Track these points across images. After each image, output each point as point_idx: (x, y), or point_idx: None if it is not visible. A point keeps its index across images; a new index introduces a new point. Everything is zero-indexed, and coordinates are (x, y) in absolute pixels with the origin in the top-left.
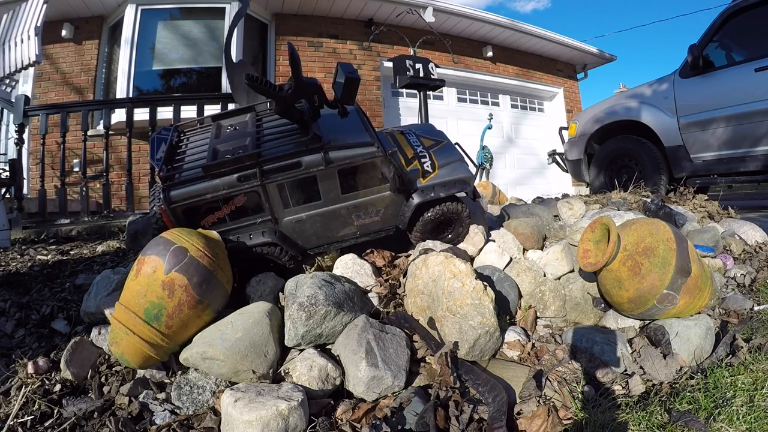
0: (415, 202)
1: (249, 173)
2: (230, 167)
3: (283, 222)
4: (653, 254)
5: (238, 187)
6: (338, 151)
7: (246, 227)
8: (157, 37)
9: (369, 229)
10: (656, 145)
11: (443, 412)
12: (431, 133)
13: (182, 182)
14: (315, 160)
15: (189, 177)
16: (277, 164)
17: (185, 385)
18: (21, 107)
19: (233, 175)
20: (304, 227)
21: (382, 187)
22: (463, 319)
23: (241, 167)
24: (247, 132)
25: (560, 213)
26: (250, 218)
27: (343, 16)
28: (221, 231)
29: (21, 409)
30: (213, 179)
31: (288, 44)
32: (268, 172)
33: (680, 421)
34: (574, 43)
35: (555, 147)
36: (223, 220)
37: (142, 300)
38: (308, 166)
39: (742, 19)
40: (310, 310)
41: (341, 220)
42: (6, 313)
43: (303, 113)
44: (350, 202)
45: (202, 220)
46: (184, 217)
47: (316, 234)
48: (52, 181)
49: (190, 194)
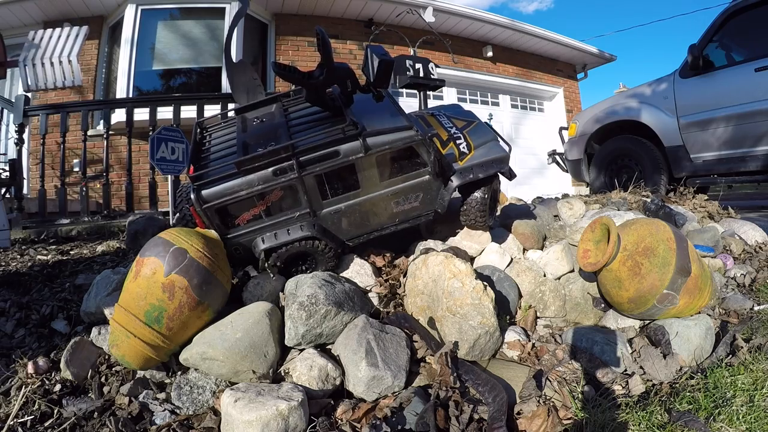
0: (454, 184)
1: (285, 166)
2: (265, 161)
3: (322, 214)
4: (653, 254)
5: (274, 181)
6: (376, 137)
7: (283, 222)
8: (157, 37)
9: (408, 215)
10: (656, 145)
11: (443, 412)
12: (461, 114)
13: (214, 180)
14: (353, 148)
15: (220, 174)
16: (314, 154)
17: (185, 385)
18: (21, 107)
19: (268, 169)
20: (343, 218)
21: (421, 171)
22: (463, 319)
23: (276, 160)
24: (275, 123)
25: (560, 213)
26: (287, 213)
27: (343, 16)
28: (258, 228)
29: (21, 409)
30: (247, 174)
31: (317, 28)
32: (305, 163)
33: (680, 421)
34: (574, 43)
35: (555, 147)
36: (259, 216)
37: (143, 302)
38: (346, 155)
39: (742, 19)
40: (311, 309)
41: (381, 208)
42: (6, 313)
43: (335, 100)
44: (390, 189)
45: (236, 218)
46: (217, 217)
47: (356, 224)
48: (52, 181)
49: (223, 192)
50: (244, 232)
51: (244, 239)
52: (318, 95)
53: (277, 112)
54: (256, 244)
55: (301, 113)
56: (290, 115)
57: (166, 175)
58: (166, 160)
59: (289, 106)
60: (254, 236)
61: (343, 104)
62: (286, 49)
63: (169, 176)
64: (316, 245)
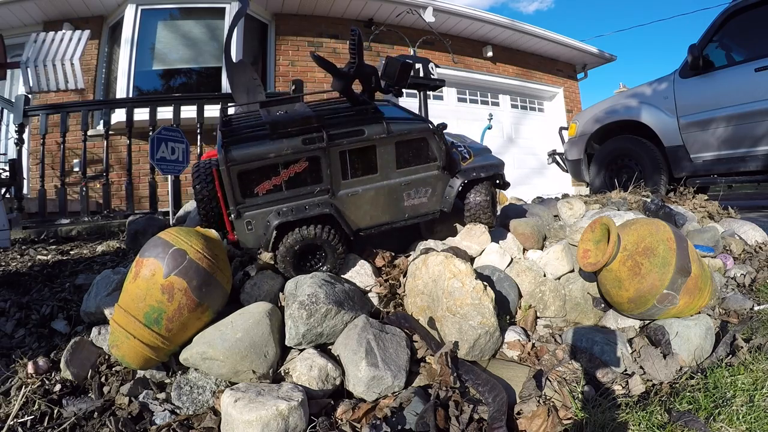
0: (459, 181)
1: (314, 136)
2: (298, 126)
3: (339, 195)
4: (653, 254)
5: (302, 150)
6: (397, 123)
7: (303, 196)
8: (157, 37)
9: (417, 211)
10: (656, 145)
11: (443, 412)
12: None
13: (245, 140)
14: (377, 129)
15: (253, 136)
16: (342, 130)
17: (185, 385)
18: (21, 107)
19: (298, 138)
20: (358, 202)
21: (431, 165)
22: (463, 319)
23: (308, 128)
24: (302, 111)
25: (560, 213)
26: (307, 187)
27: (343, 16)
28: (276, 200)
29: (21, 409)
30: (278, 140)
31: (354, 29)
32: (333, 136)
33: (680, 421)
34: (574, 43)
35: (555, 147)
36: (279, 188)
37: (142, 304)
38: (370, 135)
39: (742, 19)
40: (311, 308)
41: (394, 198)
42: (6, 313)
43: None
44: (403, 178)
45: (256, 186)
46: (238, 182)
47: (369, 212)
48: (52, 181)
49: (254, 154)
50: (261, 203)
51: (259, 210)
52: (346, 85)
53: (301, 106)
54: (270, 219)
55: (326, 108)
56: (316, 109)
57: (166, 175)
58: (166, 160)
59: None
60: (269, 209)
61: (366, 98)
62: (286, 49)
63: (169, 176)
64: (328, 234)
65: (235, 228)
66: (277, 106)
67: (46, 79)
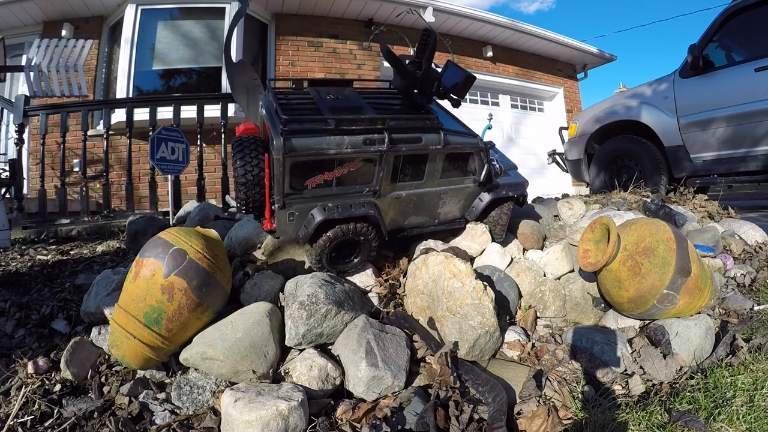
0: (489, 197)
1: (376, 138)
2: (363, 126)
3: (383, 196)
4: (653, 254)
5: (362, 149)
6: (452, 135)
7: (350, 195)
8: (157, 37)
9: (446, 218)
10: (656, 145)
11: (443, 412)
12: None
13: (306, 131)
14: (434, 139)
15: (315, 128)
16: (403, 135)
17: (185, 385)
18: (21, 107)
19: (359, 136)
20: (399, 206)
21: (467, 178)
22: (463, 319)
23: (372, 129)
24: (355, 101)
25: (560, 213)
26: (356, 187)
27: (343, 16)
28: (323, 195)
29: (21, 409)
30: (339, 135)
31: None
32: (394, 140)
33: (680, 421)
34: (574, 43)
35: (555, 147)
36: (329, 184)
37: (142, 304)
38: (427, 144)
39: (742, 19)
40: (311, 308)
41: (431, 205)
42: (6, 313)
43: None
44: (443, 187)
45: (307, 179)
46: (290, 173)
47: (405, 215)
48: (52, 181)
49: (313, 146)
50: (308, 196)
51: (305, 204)
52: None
53: (352, 94)
54: (314, 214)
55: (376, 100)
56: (368, 99)
57: (166, 175)
58: (166, 160)
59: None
60: (315, 203)
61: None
62: (286, 49)
63: (169, 176)
64: (369, 230)
65: (276, 218)
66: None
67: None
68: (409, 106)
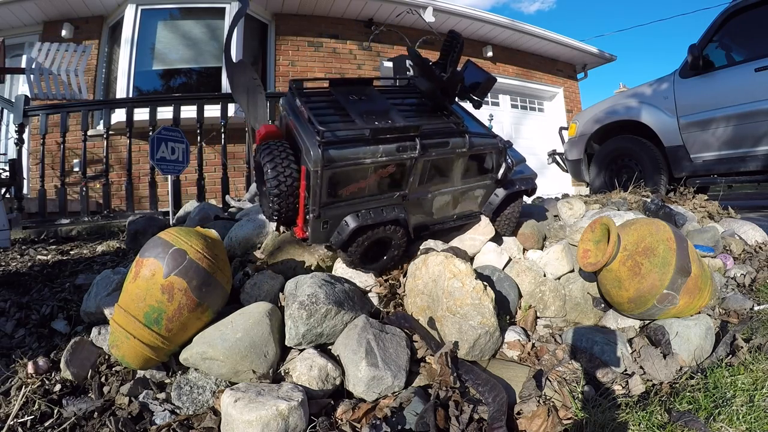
0: (505, 192)
1: (408, 145)
2: (397, 134)
3: (410, 198)
4: (653, 254)
5: (395, 156)
6: (475, 137)
7: (381, 199)
8: (157, 37)
9: (463, 213)
10: (656, 145)
11: (443, 412)
12: None
13: (343, 141)
14: (459, 143)
15: (351, 137)
16: (433, 140)
17: (185, 385)
18: (21, 107)
19: (393, 144)
20: (423, 205)
21: (486, 176)
22: (463, 319)
23: (405, 136)
24: (380, 103)
25: (560, 213)
26: (387, 192)
27: (343, 16)
28: (356, 202)
29: (21, 409)
30: (375, 144)
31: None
32: (426, 146)
33: (680, 421)
34: (574, 43)
35: (555, 147)
36: (363, 190)
37: (142, 304)
38: (453, 147)
39: (742, 19)
40: (311, 308)
41: (453, 203)
42: (6, 313)
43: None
44: (465, 186)
45: (341, 189)
46: (327, 183)
47: (428, 213)
48: (52, 181)
49: (351, 156)
50: (342, 204)
51: (339, 211)
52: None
53: (375, 94)
54: (348, 221)
55: (397, 99)
56: (392, 100)
57: (166, 175)
58: (166, 160)
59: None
60: (347, 210)
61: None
62: (286, 49)
63: (169, 176)
64: (398, 230)
65: (311, 226)
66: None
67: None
68: (432, 107)
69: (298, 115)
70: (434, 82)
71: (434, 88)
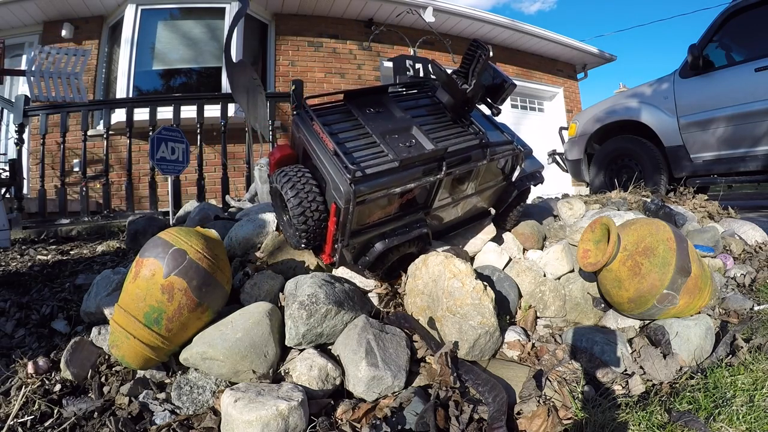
0: (516, 192)
1: (434, 167)
2: (424, 159)
3: (431, 213)
4: (653, 254)
5: (422, 180)
6: (494, 147)
7: (406, 218)
8: (157, 37)
9: (473, 213)
10: (656, 145)
11: (443, 412)
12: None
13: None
14: (479, 155)
15: (381, 171)
16: (455, 158)
17: (185, 385)
18: (21, 107)
19: (419, 168)
20: (442, 213)
21: (500, 177)
22: (463, 319)
23: (431, 159)
24: (399, 116)
25: (560, 213)
26: (411, 211)
27: (343, 16)
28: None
29: (21, 409)
30: (403, 171)
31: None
32: (450, 165)
33: (680, 421)
34: (574, 43)
35: (555, 147)
36: (389, 214)
37: (142, 304)
38: (474, 160)
39: (742, 19)
40: (311, 308)
41: (468, 207)
42: (6, 313)
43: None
44: (480, 189)
45: (369, 215)
46: (356, 215)
47: (445, 218)
48: (52, 181)
49: (379, 187)
50: (370, 229)
51: (365, 237)
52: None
53: (392, 105)
54: (375, 245)
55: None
56: (409, 111)
57: (166, 175)
58: (166, 160)
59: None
60: (374, 234)
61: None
62: (286, 49)
63: (169, 176)
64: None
65: (338, 254)
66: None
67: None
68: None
69: (318, 140)
70: (457, 96)
71: (456, 102)
